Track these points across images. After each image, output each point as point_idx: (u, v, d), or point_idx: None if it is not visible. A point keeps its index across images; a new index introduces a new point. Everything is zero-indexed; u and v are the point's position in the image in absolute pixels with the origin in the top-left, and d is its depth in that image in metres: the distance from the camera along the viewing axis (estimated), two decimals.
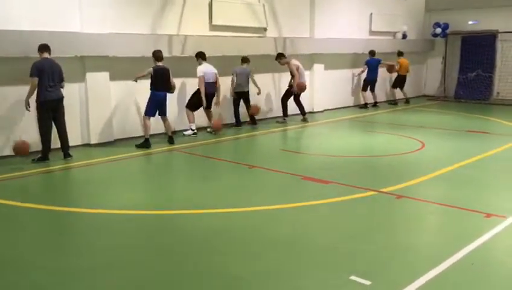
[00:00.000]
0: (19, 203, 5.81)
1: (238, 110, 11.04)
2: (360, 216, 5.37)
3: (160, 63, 8.96)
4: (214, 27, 10.89)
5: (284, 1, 12.41)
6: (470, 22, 16.27)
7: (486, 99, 15.92)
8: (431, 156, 8.26)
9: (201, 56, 9.98)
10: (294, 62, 11.47)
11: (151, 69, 8.86)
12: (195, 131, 10.09)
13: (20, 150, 7.77)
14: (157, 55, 8.97)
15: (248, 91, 11.01)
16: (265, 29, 11.96)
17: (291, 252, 4.42)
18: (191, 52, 10.09)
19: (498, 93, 16.01)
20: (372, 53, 14.27)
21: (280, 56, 11.46)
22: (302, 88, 11.54)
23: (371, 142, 9.78)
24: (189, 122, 10.10)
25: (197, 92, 10.00)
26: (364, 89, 14.56)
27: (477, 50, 16.17)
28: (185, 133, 10.13)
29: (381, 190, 6.17)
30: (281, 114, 11.89)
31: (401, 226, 5.14)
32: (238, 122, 11.11)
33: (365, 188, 6.25)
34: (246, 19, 11.48)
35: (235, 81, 10.71)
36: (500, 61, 15.93)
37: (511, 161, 7.98)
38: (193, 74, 10.02)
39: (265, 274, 3.98)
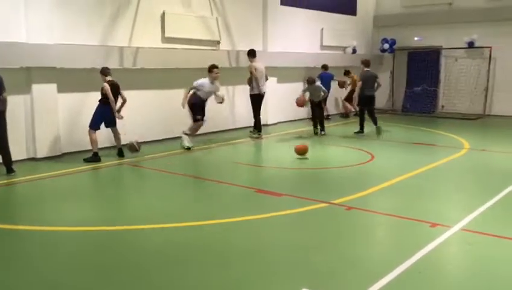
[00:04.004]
0: None
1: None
2: (311, 228, 5.42)
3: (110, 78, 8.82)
4: (166, 39, 10.82)
5: (237, 15, 12.52)
6: (416, 38, 17.00)
7: (432, 112, 16.59)
8: (380, 168, 8.48)
9: None
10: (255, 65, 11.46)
11: (106, 84, 8.69)
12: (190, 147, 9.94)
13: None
14: (107, 72, 8.83)
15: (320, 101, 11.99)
16: (218, 42, 11.99)
17: (244, 265, 4.40)
18: (142, 64, 9.95)
19: (443, 106, 16.72)
20: (325, 67, 14.46)
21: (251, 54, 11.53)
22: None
23: (322, 155, 9.94)
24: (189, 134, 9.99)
25: (191, 103, 9.84)
26: None
27: (422, 65, 16.89)
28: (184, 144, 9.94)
29: (332, 201, 6.26)
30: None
31: (351, 237, 5.23)
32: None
33: (316, 200, 6.33)
34: (199, 31, 11.48)
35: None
36: (444, 76, 16.69)
37: (455, 171, 8.31)
38: (146, 86, 9.87)
39: (218, 287, 3.93)
